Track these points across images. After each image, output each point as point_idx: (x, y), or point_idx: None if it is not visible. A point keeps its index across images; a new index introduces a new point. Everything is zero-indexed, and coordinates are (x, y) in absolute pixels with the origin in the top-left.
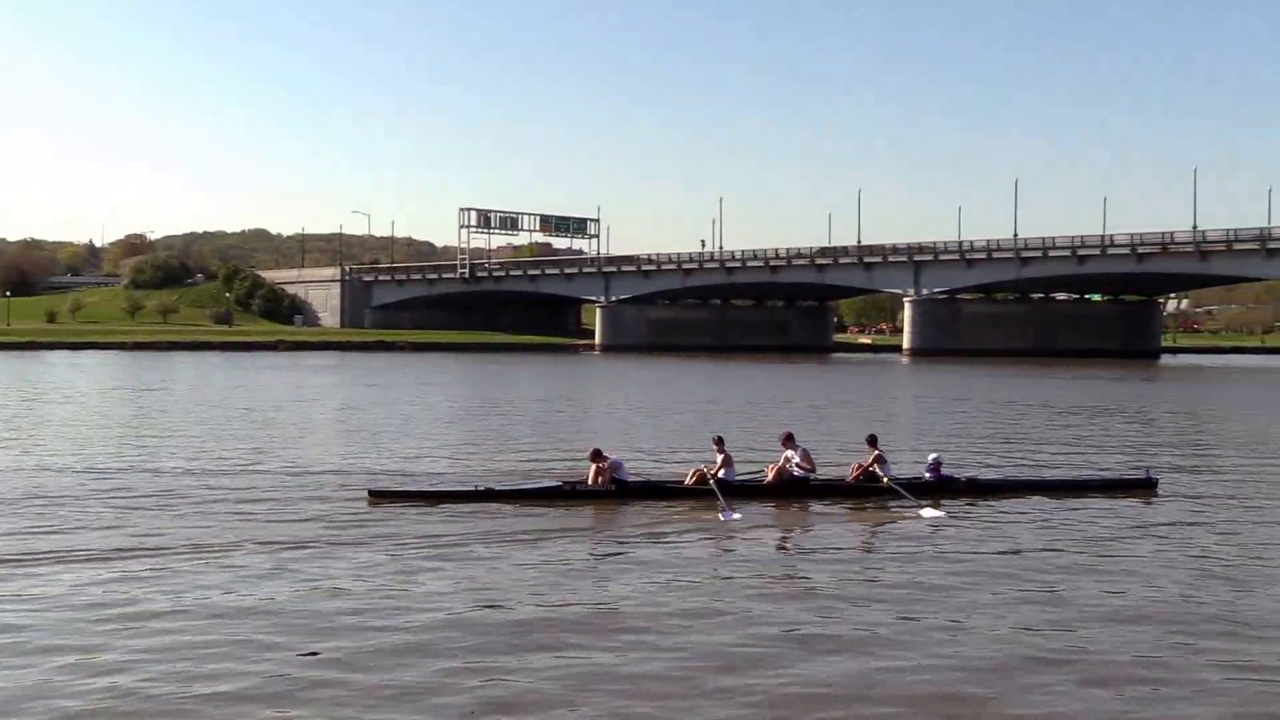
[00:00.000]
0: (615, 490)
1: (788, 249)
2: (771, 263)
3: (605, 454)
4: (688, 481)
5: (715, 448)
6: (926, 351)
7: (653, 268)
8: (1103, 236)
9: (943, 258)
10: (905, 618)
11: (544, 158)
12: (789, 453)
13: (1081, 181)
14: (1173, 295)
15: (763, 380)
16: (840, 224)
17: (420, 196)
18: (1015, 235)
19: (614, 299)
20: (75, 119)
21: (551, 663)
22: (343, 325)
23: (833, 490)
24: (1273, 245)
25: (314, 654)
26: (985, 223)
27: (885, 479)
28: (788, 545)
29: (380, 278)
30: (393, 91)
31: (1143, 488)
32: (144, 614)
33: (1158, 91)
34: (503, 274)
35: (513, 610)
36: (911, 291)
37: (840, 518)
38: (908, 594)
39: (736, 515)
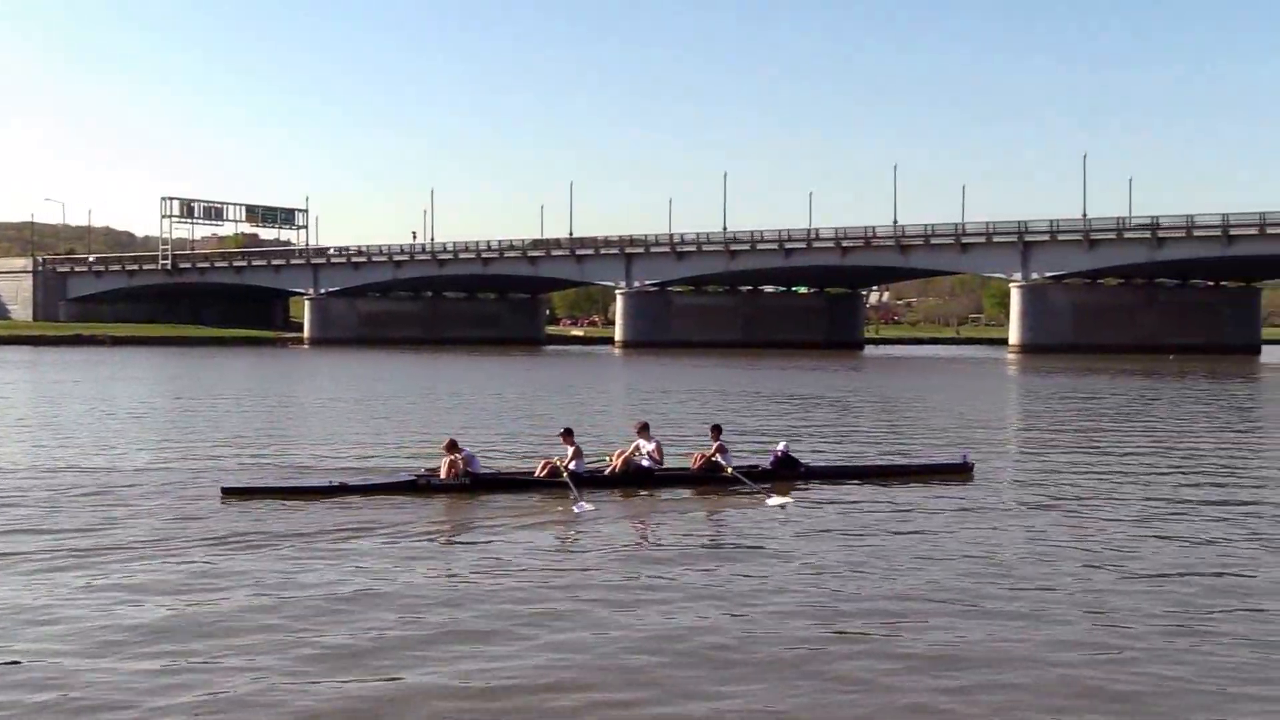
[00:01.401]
0: (469, 483)
1: (500, 241)
2: (484, 255)
3: (460, 446)
4: (538, 473)
5: (564, 440)
6: (638, 343)
7: (363, 260)
8: (809, 230)
9: (654, 250)
10: (758, 602)
11: (251, 148)
12: (640, 442)
13: (789, 176)
14: (874, 288)
15: (475, 372)
16: (553, 217)
17: (120, 184)
18: (725, 228)
19: (323, 291)
20: None
21: (409, 660)
22: (35, 319)
23: (678, 479)
24: (966, 240)
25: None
26: (697, 216)
27: (728, 468)
28: (640, 535)
29: (76, 269)
30: (91, 75)
31: (960, 471)
32: None
33: (860, 90)
34: (207, 265)
35: (362, 608)
36: (623, 284)
37: (690, 507)
38: (761, 580)
39: (589, 507)
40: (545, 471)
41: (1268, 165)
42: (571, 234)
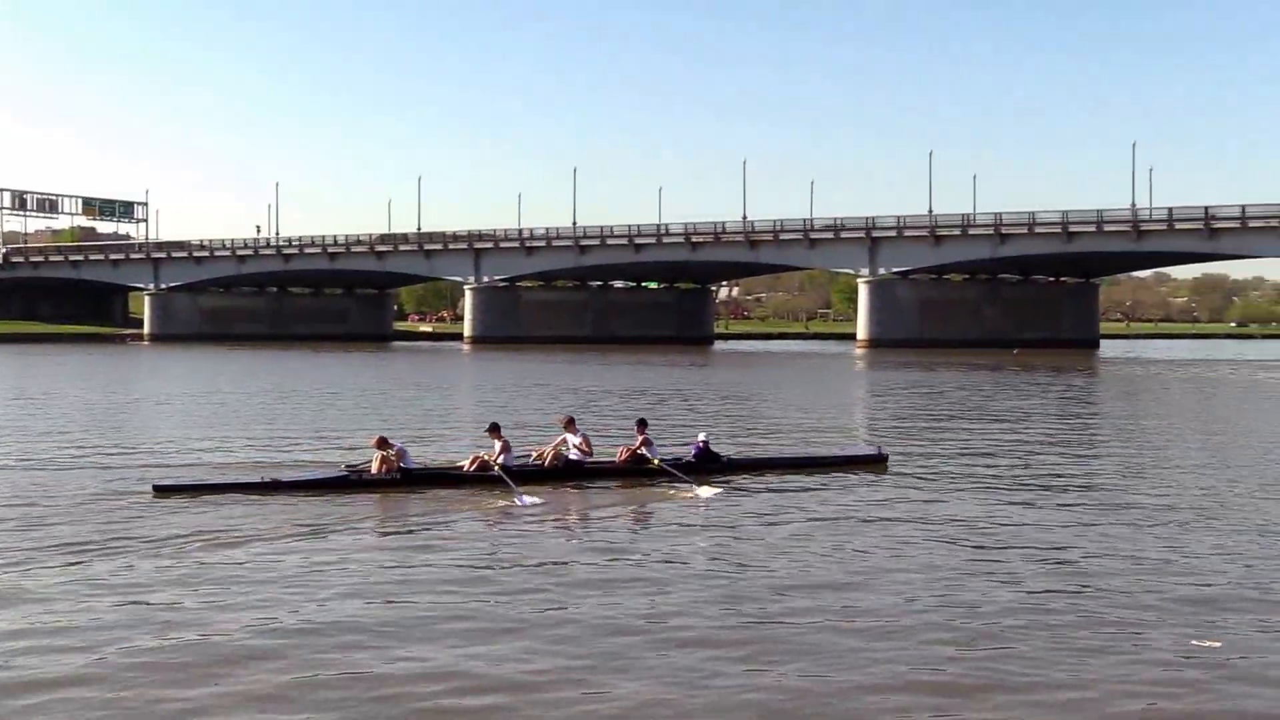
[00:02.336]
0: (401, 478)
1: (347, 236)
2: (330, 250)
3: (391, 441)
4: (468, 468)
5: (491, 435)
6: (487, 339)
7: (205, 254)
8: (658, 226)
9: (503, 246)
10: (707, 591)
11: (88, 140)
12: (568, 436)
13: (639, 172)
14: (724, 283)
15: (320, 369)
16: (401, 212)
17: None
18: (574, 224)
19: (164, 287)
20: None
21: (355, 658)
22: None
23: (606, 472)
24: (815, 236)
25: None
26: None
27: (655, 460)
28: (587, 528)
29: None
30: None
31: (874, 462)
32: None
33: (710, 85)
34: (41, 259)
35: (299, 610)
36: (472, 279)
37: (623, 499)
38: (707, 568)
39: (532, 500)
40: (475, 466)
41: (1106, 164)
42: (420, 229)
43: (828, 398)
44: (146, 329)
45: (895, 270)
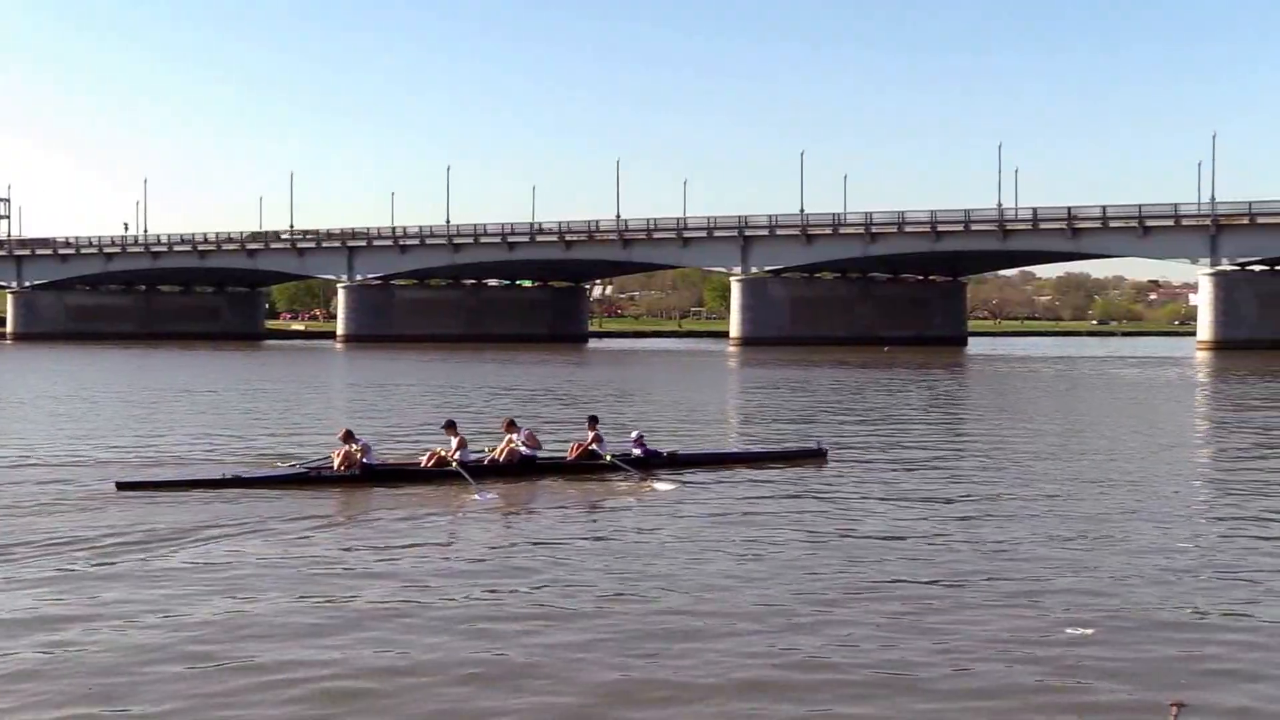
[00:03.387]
0: (361, 474)
1: (218, 234)
2: (200, 248)
3: (356, 436)
4: (425, 464)
5: (448, 432)
6: (361, 337)
7: (71, 251)
8: (532, 224)
9: (376, 243)
10: (681, 581)
11: None
12: (512, 435)
13: (512, 170)
14: (598, 282)
15: (191, 368)
16: (273, 209)
17: None
18: (448, 222)
19: (28, 285)
20: None
21: (323, 641)
22: None
23: (560, 468)
24: (688, 235)
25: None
26: (421, 209)
27: (607, 456)
28: (551, 523)
29: None
30: None
31: (815, 457)
32: None
33: (583, 84)
34: None
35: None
36: (345, 277)
37: (584, 494)
38: (673, 561)
39: (491, 495)
40: (433, 462)
41: (973, 164)
42: (292, 226)
43: (706, 394)
44: (9, 328)
45: (768, 269)
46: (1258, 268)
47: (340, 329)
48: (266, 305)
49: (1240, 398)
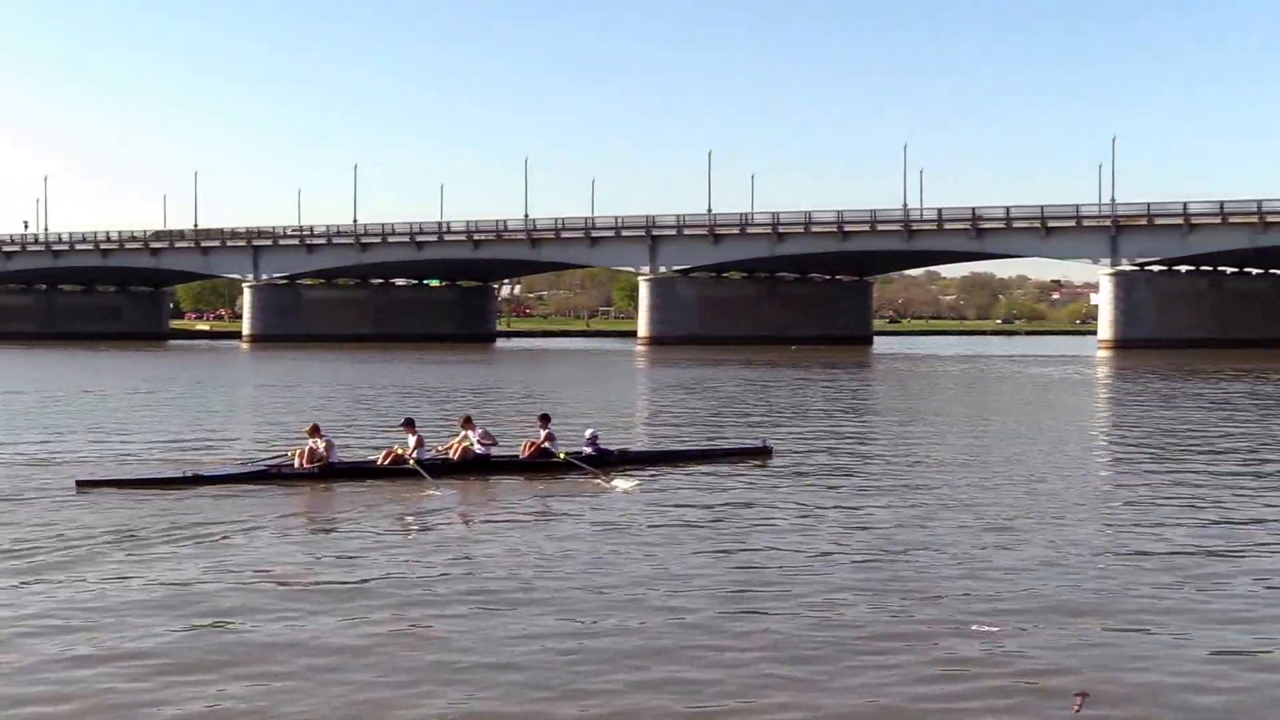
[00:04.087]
0: (318, 472)
1: (120, 232)
2: (103, 246)
3: (322, 431)
4: (381, 462)
5: (406, 430)
6: (267, 337)
7: None
8: (440, 223)
9: (282, 243)
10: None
11: None
12: (467, 433)
13: (421, 169)
14: (506, 281)
15: (93, 368)
16: (177, 208)
17: None
18: (355, 221)
19: None
20: None
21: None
22: None
23: (514, 466)
24: (596, 234)
25: None
26: (328, 208)
27: (561, 454)
28: (501, 520)
29: None
30: None
31: (761, 454)
32: None
33: (490, 81)
34: None
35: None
36: (251, 277)
37: (545, 491)
38: (636, 557)
39: (445, 493)
40: (389, 460)
41: (879, 164)
42: (196, 225)
43: (616, 393)
44: None
45: (676, 268)
46: (1156, 268)
47: (246, 329)
48: (171, 305)
49: (1139, 396)
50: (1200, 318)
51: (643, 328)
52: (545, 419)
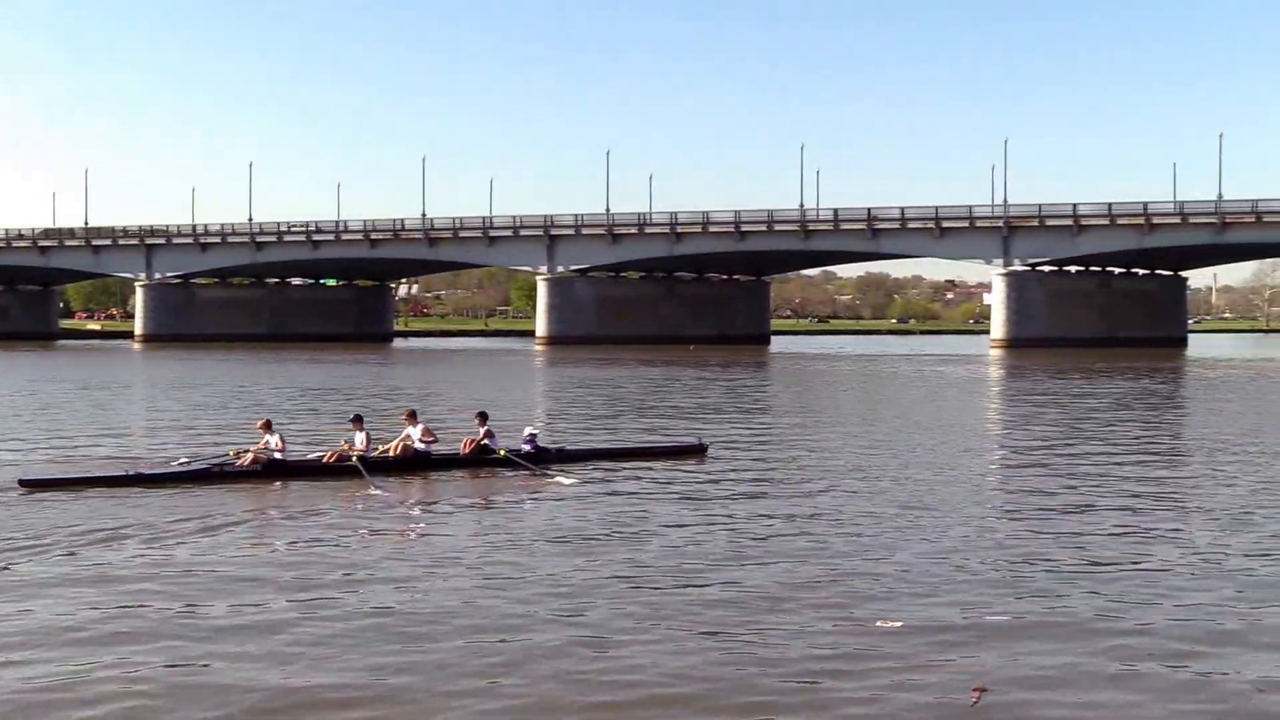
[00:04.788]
0: (261, 470)
1: (7, 230)
2: None
3: (273, 428)
4: (325, 459)
5: (354, 427)
6: (160, 337)
7: None
8: (337, 222)
9: (176, 241)
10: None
11: None
12: (410, 429)
13: (317, 167)
14: (404, 281)
15: None
16: (68, 205)
17: None
18: (250, 219)
19: None
20: None
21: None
22: None
23: (454, 462)
24: (494, 234)
25: None
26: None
27: (501, 450)
28: (441, 514)
29: None
30: None
31: (696, 452)
32: None
33: (386, 81)
34: None
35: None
36: (143, 276)
37: (485, 488)
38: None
39: (385, 491)
40: (334, 457)
41: (776, 165)
42: (87, 224)
43: (515, 392)
44: None
45: (574, 268)
46: (1047, 268)
47: (139, 329)
48: (61, 304)
49: (1030, 393)
50: (1089, 317)
51: (541, 327)
52: (483, 416)
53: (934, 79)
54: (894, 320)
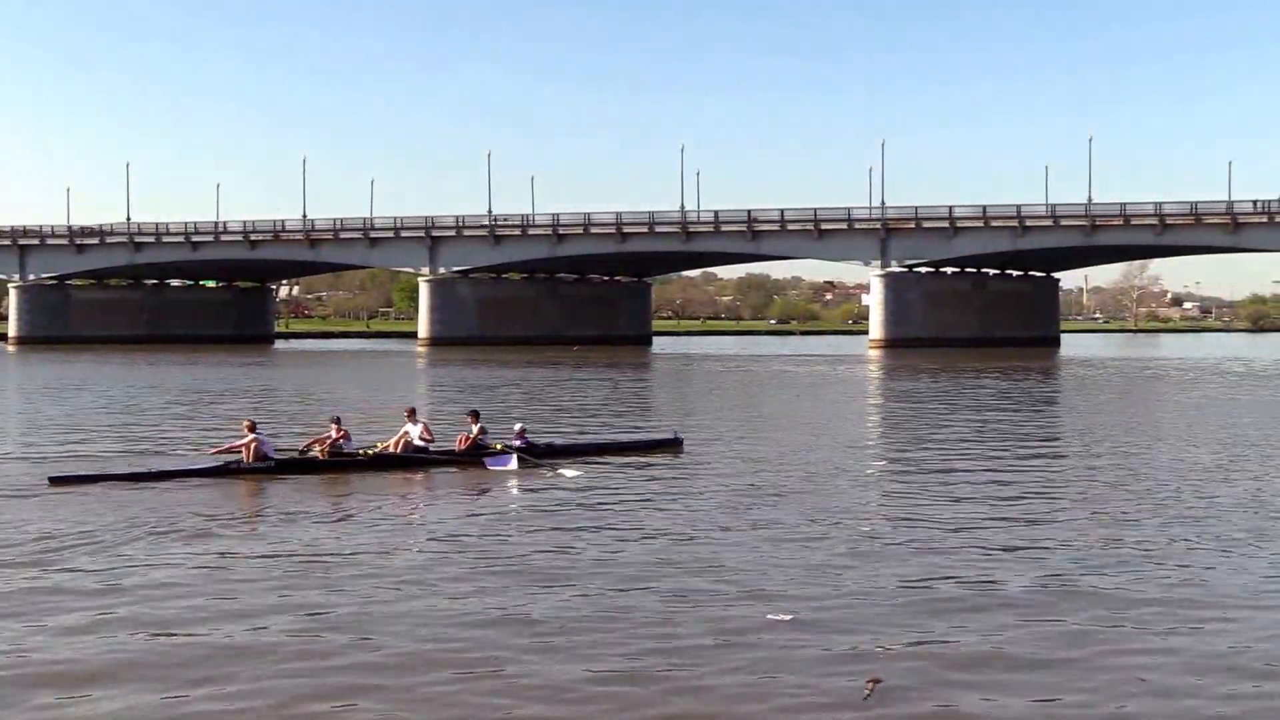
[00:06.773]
0: (273, 466)
1: None
2: None
3: (256, 428)
4: (310, 453)
5: (333, 425)
6: (34, 340)
7: None
8: (216, 223)
9: (51, 242)
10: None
11: None
12: (409, 426)
13: (196, 167)
14: (285, 282)
15: None
16: None
17: None
18: (129, 220)
19: None
20: None
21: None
22: None
23: (451, 459)
24: (375, 235)
25: None
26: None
27: (497, 445)
28: (436, 508)
29: None
30: None
31: (672, 446)
32: None
33: (268, 80)
34: None
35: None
36: (17, 277)
37: (482, 481)
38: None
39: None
40: (319, 451)
41: (657, 166)
42: None
43: (396, 393)
44: None
45: (455, 269)
46: (924, 269)
47: (12, 331)
48: None
49: (908, 392)
50: (965, 317)
51: (423, 328)
52: (475, 414)
53: (813, 79)
54: (773, 321)
